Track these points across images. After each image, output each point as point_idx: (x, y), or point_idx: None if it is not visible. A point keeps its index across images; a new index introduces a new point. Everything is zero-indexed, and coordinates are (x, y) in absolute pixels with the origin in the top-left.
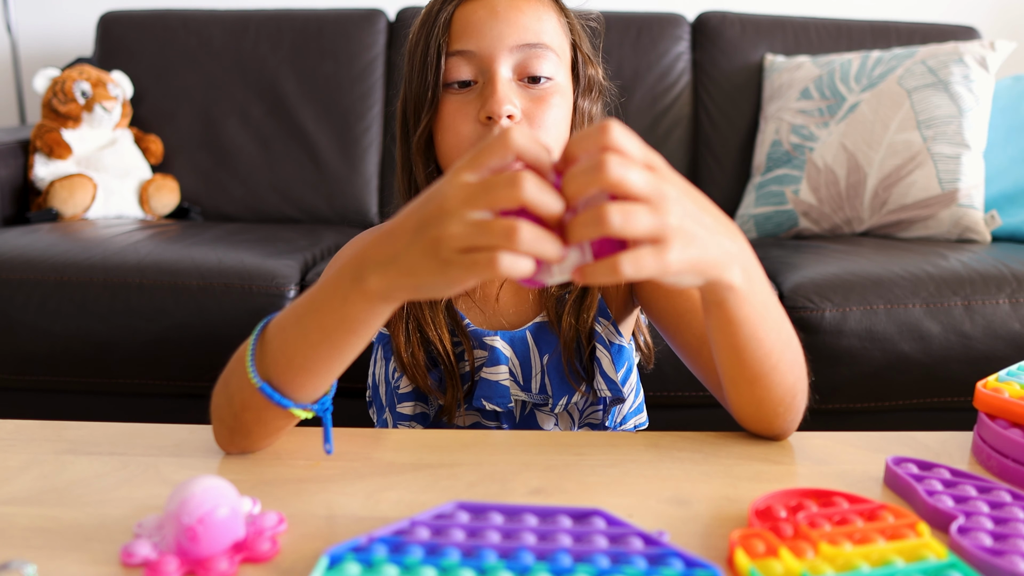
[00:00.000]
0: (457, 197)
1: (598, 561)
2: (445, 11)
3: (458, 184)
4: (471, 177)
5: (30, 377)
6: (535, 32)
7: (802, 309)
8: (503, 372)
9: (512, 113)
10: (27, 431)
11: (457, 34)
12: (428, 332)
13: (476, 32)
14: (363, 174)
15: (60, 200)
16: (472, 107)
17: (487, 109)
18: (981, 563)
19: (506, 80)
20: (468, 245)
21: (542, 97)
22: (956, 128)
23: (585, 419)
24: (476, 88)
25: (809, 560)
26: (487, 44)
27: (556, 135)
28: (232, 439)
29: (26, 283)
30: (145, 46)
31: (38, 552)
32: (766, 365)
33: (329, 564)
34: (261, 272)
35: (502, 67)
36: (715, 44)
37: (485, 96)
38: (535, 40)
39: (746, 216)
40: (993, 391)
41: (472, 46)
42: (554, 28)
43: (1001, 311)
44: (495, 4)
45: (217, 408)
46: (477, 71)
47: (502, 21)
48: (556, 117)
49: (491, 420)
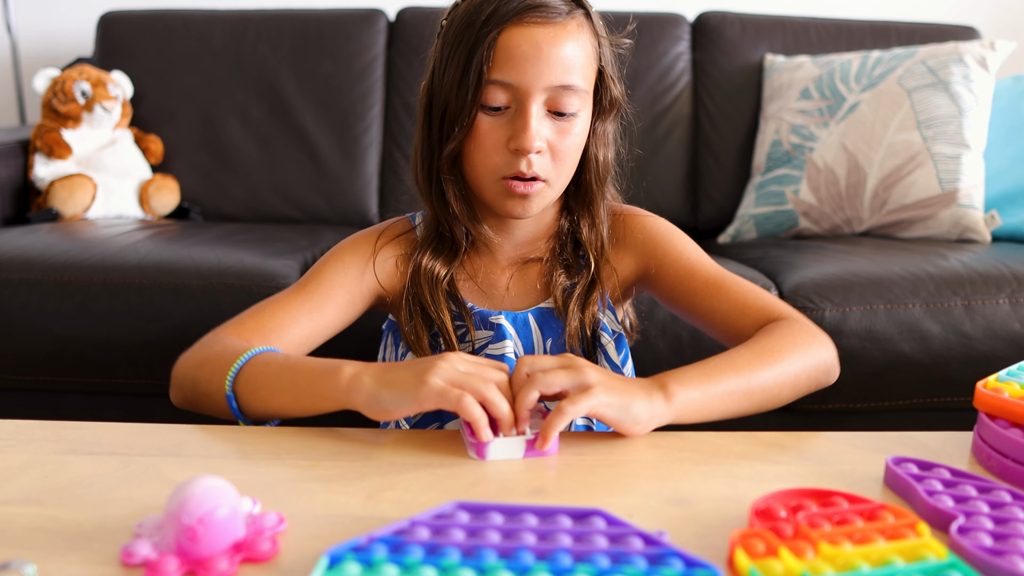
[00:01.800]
0: (454, 357)
1: (598, 561)
2: (490, 33)
3: (456, 358)
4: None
5: (30, 377)
6: (569, 72)
7: (802, 309)
8: (509, 347)
9: (540, 148)
10: (27, 431)
11: (499, 63)
12: (428, 309)
13: (517, 66)
14: (363, 174)
15: (60, 200)
16: (503, 132)
17: (517, 142)
18: (981, 563)
19: (537, 116)
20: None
21: (566, 130)
22: (956, 128)
23: None
24: (508, 113)
25: (809, 560)
26: (526, 80)
27: (572, 160)
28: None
29: (26, 283)
30: (145, 46)
31: (38, 552)
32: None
33: (329, 564)
34: (261, 272)
35: (535, 104)
36: (715, 44)
37: (517, 128)
38: (568, 82)
39: (746, 216)
40: (993, 391)
41: (512, 79)
42: (586, 62)
43: (1001, 311)
44: (539, 39)
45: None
46: (512, 99)
47: (543, 60)
48: (574, 146)
49: None
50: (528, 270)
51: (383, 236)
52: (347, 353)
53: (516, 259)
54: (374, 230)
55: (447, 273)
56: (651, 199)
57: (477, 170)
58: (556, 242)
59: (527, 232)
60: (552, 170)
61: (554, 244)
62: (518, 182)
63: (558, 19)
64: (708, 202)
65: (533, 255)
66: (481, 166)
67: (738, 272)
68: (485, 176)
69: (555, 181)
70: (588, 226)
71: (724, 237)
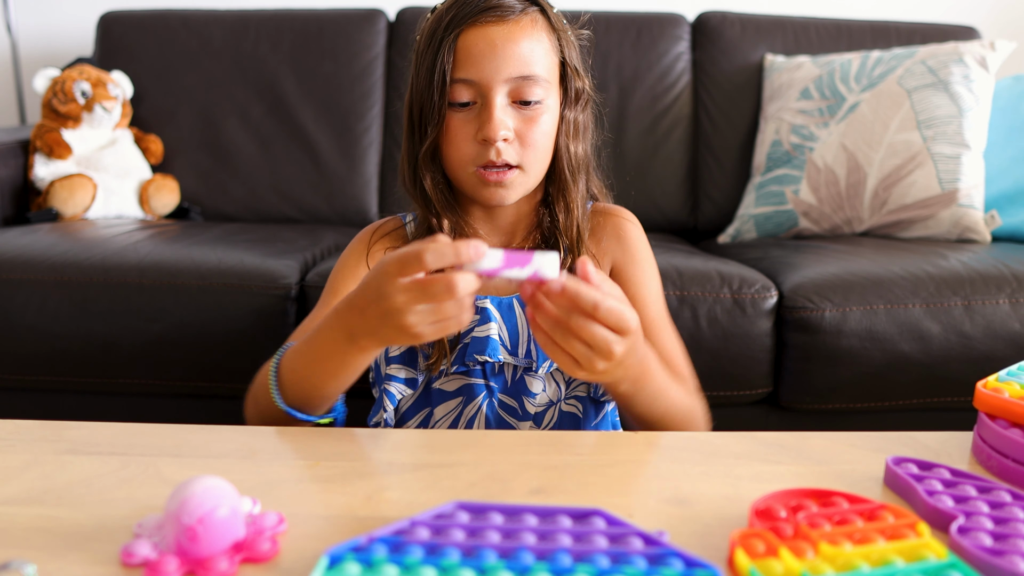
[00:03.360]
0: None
1: (598, 561)
2: (449, 37)
3: (398, 287)
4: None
5: (30, 377)
6: (527, 64)
7: (802, 309)
8: (494, 329)
9: (506, 136)
10: (27, 431)
11: (460, 62)
12: None
13: (476, 64)
14: (363, 174)
15: (60, 200)
16: (471, 126)
17: (483, 132)
18: (981, 563)
19: (501, 107)
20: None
21: (532, 118)
22: (956, 128)
23: (572, 391)
24: (475, 108)
25: (809, 560)
26: (486, 75)
27: (543, 147)
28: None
29: (26, 283)
30: (145, 46)
31: (38, 552)
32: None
33: (329, 564)
34: (261, 272)
35: (498, 96)
36: (715, 44)
37: (482, 120)
38: (527, 72)
39: (746, 216)
40: (993, 391)
41: (473, 76)
42: (545, 54)
43: (1001, 311)
44: (493, 37)
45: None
46: (476, 94)
47: (499, 56)
48: (543, 132)
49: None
50: None
51: (376, 233)
52: None
53: (503, 246)
54: (368, 230)
55: None
56: (651, 199)
57: (453, 163)
58: (538, 232)
59: (508, 222)
60: (524, 157)
61: (536, 235)
62: (491, 171)
63: (511, 16)
64: (708, 202)
65: (518, 243)
66: (456, 159)
67: (738, 272)
68: (461, 168)
69: (530, 168)
70: (564, 213)
71: (724, 237)
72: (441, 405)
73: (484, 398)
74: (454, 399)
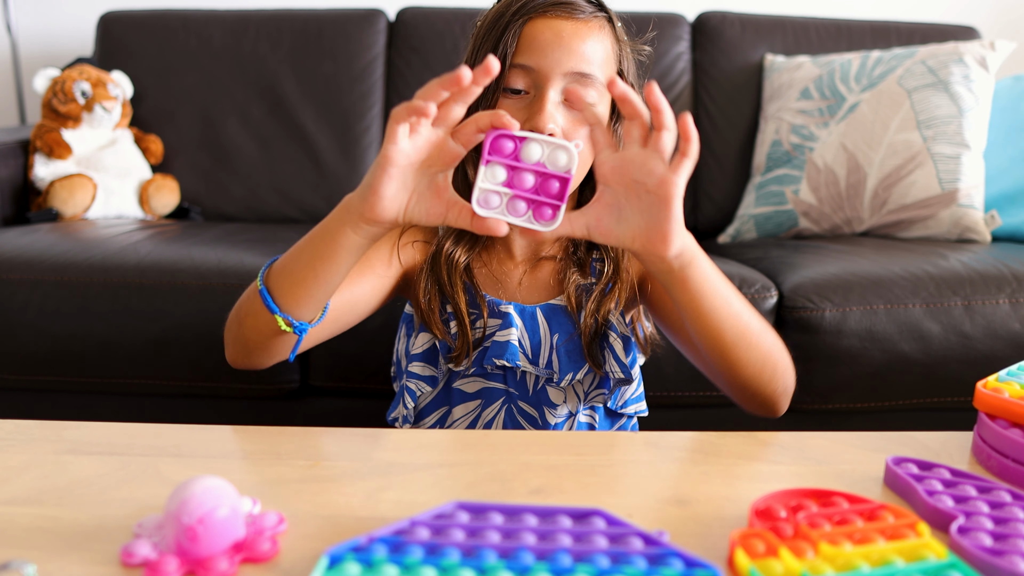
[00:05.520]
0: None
1: (598, 561)
2: (516, 22)
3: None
4: None
5: (30, 377)
6: (588, 62)
7: (802, 309)
8: (514, 334)
9: (553, 132)
10: (27, 431)
11: (523, 48)
12: (444, 289)
13: (538, 51)
14: (363, 174)
15: (60, 200)
16: (521, 115)
17: (532, 123)
18: (981, 563)
19: (554, 102)
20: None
21: (582, 121)
22: (956, 128)
23: (590, 400)
24: (527, 98)
25: (809, 560)
26: (546, 64)
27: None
28: (234, 349)
29: (26, 283)
30: (145, 46)
31: (38, 552)
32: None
33: (329, 564)
34: None
35: (553, 89)
36: (715, 44)
37: (533, 111)
38: (587, 71)
39: (746, 216)
40: (993, 391)
41: (532, 63)
42: (605, 59)
43: (1001, 311)
44: (561, 29)
45: (229, 324)
46: (531, 84)
47: (563, 47)
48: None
49: (499, 383)
50: (541, 267)
51: None
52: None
53: (530, 255)
54: None
55: (466, 260)
56: None
57: None
58: (570, 241)
59: None
60: None
61: (567, 243)
62: None
63: (581, 16)
64: (708, 202)
65: (547, 253)
66: None
67: (738, 272)
68: None
69: None
70: None
71: (724, 237)
72: (460, 405)
73: (503, 403)
74: (473, 401)
